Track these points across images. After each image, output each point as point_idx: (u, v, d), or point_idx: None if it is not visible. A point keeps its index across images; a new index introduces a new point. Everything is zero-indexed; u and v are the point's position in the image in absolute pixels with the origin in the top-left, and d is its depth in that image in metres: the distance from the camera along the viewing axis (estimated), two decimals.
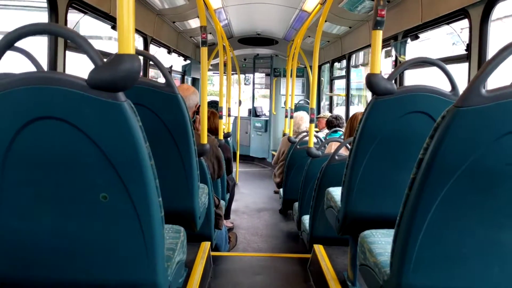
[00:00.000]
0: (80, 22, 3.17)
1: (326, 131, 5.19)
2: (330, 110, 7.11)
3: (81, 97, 1.04)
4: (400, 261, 1.26)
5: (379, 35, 1.82)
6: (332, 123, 4.91)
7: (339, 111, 6.80)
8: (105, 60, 1.04)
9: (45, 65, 2.51)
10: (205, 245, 2.90)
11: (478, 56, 2.54)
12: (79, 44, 1.04)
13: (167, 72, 1.95)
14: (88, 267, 1.23)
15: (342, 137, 4.13)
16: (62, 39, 2.59)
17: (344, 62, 6.20)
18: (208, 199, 2.58)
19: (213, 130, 4.13)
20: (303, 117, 5.56)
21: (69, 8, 2.69)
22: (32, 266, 1.22)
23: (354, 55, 5.98)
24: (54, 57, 2.56)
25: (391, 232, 1.38)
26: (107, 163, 1.10)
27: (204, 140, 2.63)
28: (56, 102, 1.05)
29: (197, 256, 2.73)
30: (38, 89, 1.04)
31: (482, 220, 1.18)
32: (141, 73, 4.79)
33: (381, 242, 1.60)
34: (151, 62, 4.51)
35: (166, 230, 1.62)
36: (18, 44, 1.11)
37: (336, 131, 4.64)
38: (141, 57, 1.34)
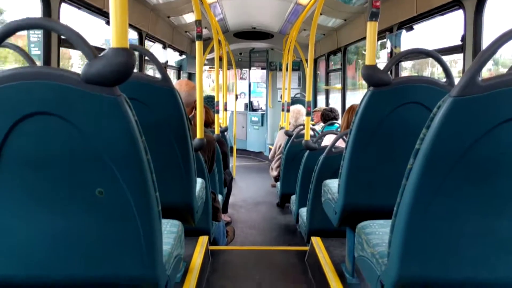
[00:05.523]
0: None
1: (321, 124, 5.19)
2: (327, 103, 7.11)
3: (75, 92, 1.03)
4: (397, 251, 1.27)
5: (374, 27, 1.82)
6: (328, 116, 4.91)
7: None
8: (99, 55, 1.03)
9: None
10: (203, 239, 2.90)
11: (473, 46, 2.55)
12: (71, 38, 1.02)
13: (162, 66, 1.94)
14: (85, 263, 1.22)
15: (339, 129, 4.14)
16: (55, 34, 2.57)
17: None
18: (206, 193, 2.58)
19: (207, 124, 4.15)
20: (300, 110, 5.55)
21: (62, 2, 2.68)
22: (30, 264, 1.20)
23: None
24: (48, 52, 2.54)
25: (388, 223, 1.38)
26: (102, 158, 1.08)
27: (201, 134, 2.63)
28: (50, 97, 1.04)
29: (195, 250, 2.74)
30: (31, 84, 1.02)
31: (479, 208, 1.18)
32: (137, 69, 4.74)
33: (378, 232, 1.61)
34: (146, 58, 4.49)
35: (163, 225, 1.61)
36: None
37: (332, 124, 4.64)
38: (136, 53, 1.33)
